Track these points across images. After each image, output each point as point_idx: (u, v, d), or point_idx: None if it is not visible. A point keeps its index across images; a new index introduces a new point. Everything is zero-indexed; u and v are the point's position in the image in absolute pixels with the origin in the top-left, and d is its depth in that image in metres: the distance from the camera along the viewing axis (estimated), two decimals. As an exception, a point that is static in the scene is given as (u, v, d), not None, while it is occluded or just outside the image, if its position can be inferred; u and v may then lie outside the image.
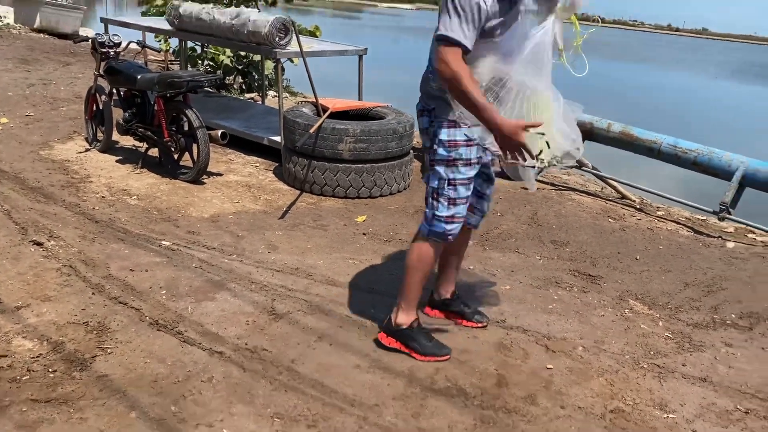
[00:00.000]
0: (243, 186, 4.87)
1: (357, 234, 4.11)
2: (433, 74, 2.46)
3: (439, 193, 2.58)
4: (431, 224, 2.62)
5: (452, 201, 2.58)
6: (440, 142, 2.53)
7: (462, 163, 2.54)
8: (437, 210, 2.59)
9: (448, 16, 2.24)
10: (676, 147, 5.13)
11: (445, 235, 2.62)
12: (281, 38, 5.08)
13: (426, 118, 2.58)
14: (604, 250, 4.23)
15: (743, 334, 3.23)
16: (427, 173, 2.65)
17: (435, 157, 2.56)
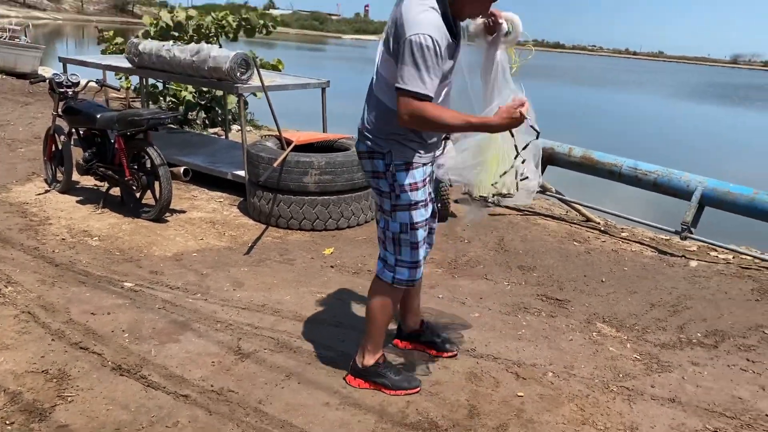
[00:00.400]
0: (207, 222, 4.81)
1: (324, 267, 4.08)
2: (384, 119, 2.39)
3: (401, 238, 2.52)
4: (395, 271, 2.56)
5: (414, 245, 2.53)
6: (402, 187, 2.45)
7: (422, 205, 2.51)
8: (401, 255, 2.54)
9: (411, 67, 2.17)
10: (636, 169, 5.22)
11: (411, 281, 2.59)
12: (242, 73, 5.08)
13: (380, 161, 2.46)
14: (570, 273, 4.26)
15: (709, 352, 3.26)
16: (383, 218, 2.57)
17: (398, 202, 2.48)
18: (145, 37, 7.95)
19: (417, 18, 2.18)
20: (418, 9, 2.21)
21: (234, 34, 8.47)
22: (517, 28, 2.47)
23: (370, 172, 2.52)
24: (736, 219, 4.97)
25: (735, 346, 3.34)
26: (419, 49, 2.15)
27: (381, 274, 2.61)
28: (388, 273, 2.59)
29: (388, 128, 2.40)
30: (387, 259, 2.59)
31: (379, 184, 2.51)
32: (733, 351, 3.28)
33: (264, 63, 8.45)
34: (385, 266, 2.60)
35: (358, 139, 2.55)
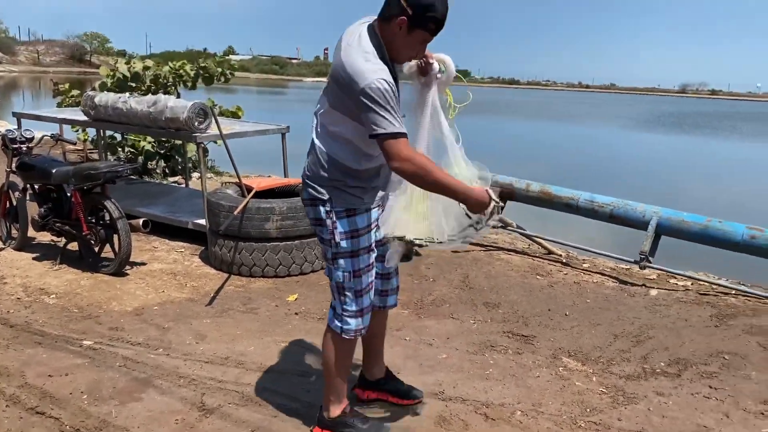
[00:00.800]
0: (168, 274, 4.73)
1: (289, 314, 4.04)
2: (326, 167, 2.38)
3: (344, 287, 2.48)
4: (342, 321, 2.53)
5: (358, 293, 2.49)
6: (342, 234, 2.42)
7: (364, 251, 2.47)
8: (346, 305, 2.51)
9: (375, 112, 2.16)
10: (593, 202, 5.34)
11: (357, 332, 2.55)
12: (200, 122, 5.08)
13: (321, 208, 2.43)
14: (534, 308, 4.29)
15: (673, 381, 3.30)
16: (327, 266, 2.54)
17: (338, 250, 2.44)
18: (102, 88, 7.92)
19: (364, 66, 2.19)
20: (362, 57, 2.21)
21: (192, 82, 8.49)
22: (449, 69, 2.49)
23: (313, 219, 2.50)
24: (694, 245, 5.10)
25: (697, 373, 3.39)
26: (379, 94, 2.15)
27: (331, 323, 2.58)
28: (336, 323, 2.55)
29: (328, 174, 2.39)
30: (336, 308, 2.56)
31: (321, 232, 2.48)
32: (696, 379, 3.33)
33: (223, 110, 8.47)
34: (335, 315, 2.56)
35: (302, 187, 2.53)
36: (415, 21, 2.20)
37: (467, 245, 2.64)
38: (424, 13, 2.19)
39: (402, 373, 3.22)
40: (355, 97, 2.19)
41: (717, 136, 31.52)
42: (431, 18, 2.21)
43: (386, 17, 2.25)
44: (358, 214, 2.43)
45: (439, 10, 2.21)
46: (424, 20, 2.21)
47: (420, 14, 2.19)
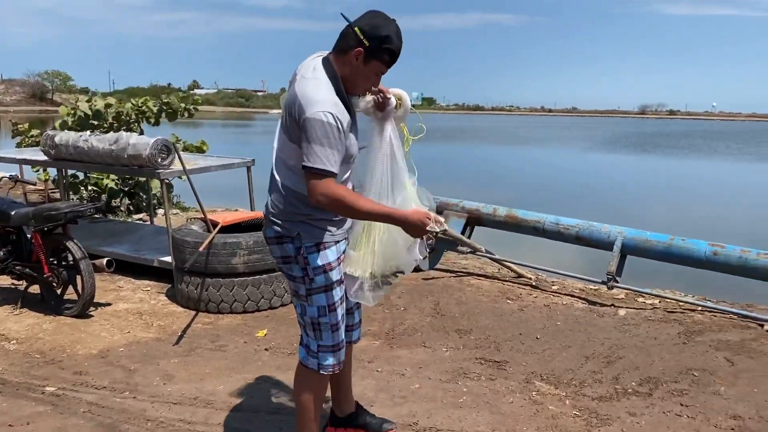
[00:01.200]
0: (134, 314, 4.63)
1: (258, 350, 3.97)
2: (289, 202, 2.36)
3: (320, 322, 2.44)
4: (319, 358, 2.48)
5: (334, 326, 2.46)
6: (315, 270, 2.38)
7: (337, 284, 2.44)
8: (322, 340, 2.46)
9: (314, 145, 2.16)
10: (559, 224, 5.40)
11: (335, 366, 2.51)
12: (164, 158, 5.03)
13: (289, 245, 2.38)
14: (506, 333, 4.30)
15: (645, 400, 3.32)
16: (299, 303, 2.48)
17: (312, 286, 2.39)
18: (62, 127, 7.81)
19: (315, 96, 2.20)
20: (314, 87, 2.23)
21: (155, 118, 8.42)
22: (405, 103, 2.53)
23: (280, 258, 2.44)
24: (661, 264, 5.17)
25: (668, 391, 3.41)
26: (321, 127, 2.15)
27: (305, 361, 2.52)
28: (312, 360, 2.50)
29: (293, 210, 2.35)
30: (309, 345, 2.50)
31: (292, 269, 2.42)
32: (667, 397, 3.35)
33: (188, 145, 8.42)
34: (308, 353, 2.51)
35: (265, 225, 2.48)
36: (372, 52, 2.25)
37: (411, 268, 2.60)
38: (381, 44, 2.23)
39: (375, 405, 3.18)
40: (300, 125, 2.20)
41: (677, 155, 32.33)
42: (387, 49, 2.25)
43: (342, 49, 2.28)
44: (328, 248, 2.40)
45: (394, 42, 2.25)
46: (380, 51, 2.25)
47: (376, 46, 2.23)
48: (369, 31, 2.22)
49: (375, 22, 2.24)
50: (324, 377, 2.54)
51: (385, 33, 2.23)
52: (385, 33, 2.23)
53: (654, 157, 30.82)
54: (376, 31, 2.22)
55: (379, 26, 2.23)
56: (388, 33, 2.23)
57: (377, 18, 2.26)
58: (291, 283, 2.48)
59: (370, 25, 2.23)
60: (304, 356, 2.52)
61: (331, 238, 2.41)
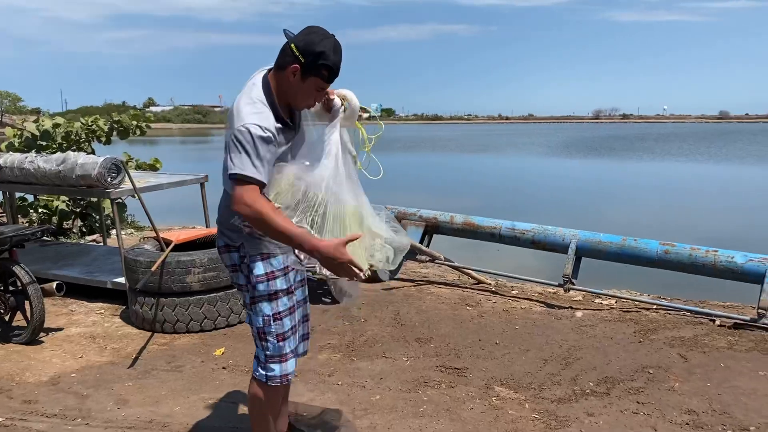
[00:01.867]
0: (87, 338, 4.50)
1: (216, 369, 3.90)
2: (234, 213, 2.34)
3: (265, 331, 2.45)
4: (266, 368, 2.48)
5: (281, 337, 2.46)
6: (257, 278, 2.40)
7: (283, 293, 2.45)
8: (268, 350, 2.46)
9: (237, 153, 2.17)
10: (514, 229, 5.46)
11: (283, 378, 2.50)
12: (113, 177, 4.92)
13: (235, 254, 2.43)
14: (465, 339, 4.31)
15: (602, 400, 3.36)
16: (247, 313, 2.51)
17: (255, 294, 2.42)
18: (9, 149, 7.58)
19: (245, 110, 2.23)
20: (245, 103, 2.26)
21: (106, 137, 8.25)
22: (352, 103, 2.51)
23: (229, 266, 2.50)
24: (617, 264, 5.26)
25: (625, 390, 3.46)
26: (244, 137, 2.17)
27: (255, 372, 2.53)
28: (261, 371, 2.50)
29: (237, 221, 2.38)
30: (259, 356, 2.51)
31: (238, 278, 2.48)
32: (623, 395, 3.40)
33: (140, 163, 8.27)
34: (258, 364, 2.51)
35: (217, 235, 2.54)
36: (308, 68, 2.25)
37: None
38: (316, 60, 2.24)
39: (334, 420, 3.15)
40: (230, 136, 2.22)
41: (631, 157, 33.08)
42: (323, 65, 2.26)
43: (281, 66, 2.30)
44: (272, 257, 2.42)
45: (331, 59, 2.25)
46: (316, 68, 2.26)
47: (312, 62, 2.24)
48: (304, 47, 2.23)
49: (310, 39, 2.25)
50: (274, 389, 2.52)
51: (320, 49, 2.23)
52: (320, 49, 2.23)
53: (609, 160, 31.50)
54: (312, 47, 2.23)
55: (315, 42, 2.24)
56: (323, 49, 2.23)
57: (313, 34, 2.26)
58: (240, 293, 2.53)
59: (305, 42, 2.24)
60: (255, 367, 2.53)
61: (276, 248, 2.42)
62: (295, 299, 2.54)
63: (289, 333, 2.48)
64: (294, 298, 2.53)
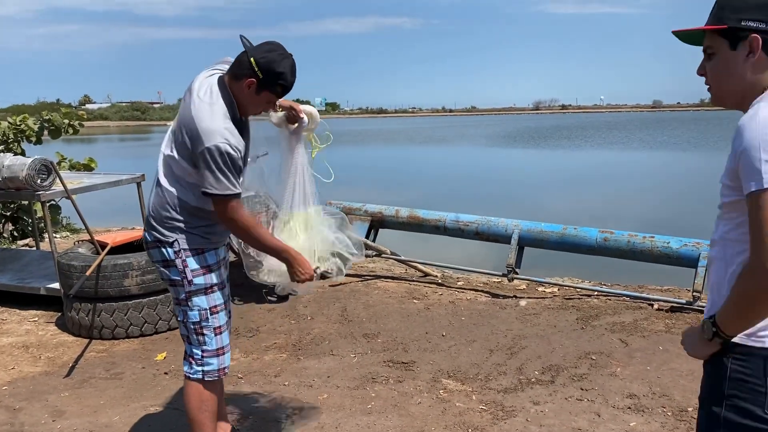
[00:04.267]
0: (19, 348, 4.30)
1: (158, 375, 3.78)
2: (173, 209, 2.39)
3: (202, 326, 2.46)
4: (203, 364, 2.48)
5: (217, 330, 2.49)
6: (194, 272, 2.42)
7: (218, 287, 2.49)
8: (205, 345, 2.47)
9: (215, 173, 2.23)
10: (458, 221, 5.49)
11: (221, 372, 2.52)
12: (43, 179, 4.70)
13: (168, 249, 2.41)
14: (413, 333, 4.30)
15: (547, 388, 3.41)
16: (180, 310, 2.50)
17: (191, 288, 2.43)
18: (-71, 151, 7.17)
19: (212, 127, 2.24)
20: (211, 115, 2.26)
21: (37, 137, 7.88)
22: (314, 120, 2.76)
23: (160, 261, 2.47)
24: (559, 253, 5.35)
25: (569, 377, 3.52)
26: (220, 157, 2.23)
27: (190, 371, 2.51)
28: (196, 368, 2.50)
29: (172, 216, 2.40)
30: (194, 355, 2.49)
31: (171, 273, 2.45)
32: (568, 383, 3.46)
33: (74, 163, 7.96)
34: (193, 363, 2.50)
35: (145, 229, 2.51)
36: (264, 84, 2.30)
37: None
38: (275, 79, 2.30)
39: (282, 421, 3.09)
40: (197, 153, 2.25)
41: (570, 147, 33.86)
42: (280, 84, 2.33)
43: (237, 75, 2.33)
44: (206, 251, 2.46)
45: (288, 79, 2.33)
46: (272, 85, 2.32)
47: (270, 80, 2.30)
48: (265, 65, 2.27)
49: (271, 57, 2.28)
50: (211, 385, 2.52)
51: (280, 69, 2.29)
52: (280, 69, 2.29)
53: (549, 150, 32.15)
54: (272, 65, 2.28)
55: (275, 62, 2.28)
56: (283, 70, 2.29)
57: (273, 53, 2.30)
58: (172, 290, 2.52)
59: (267, 60, 2.28)
60: (188, 368, 2.52)
61: (210, 244, 2.47)
62: (226, 294, 2.57)
63: (224, 327, 2.52)
64: (225, 293, 2.56)
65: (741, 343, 1.43)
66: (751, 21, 1.43)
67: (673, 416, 3.05)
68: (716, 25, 1.47)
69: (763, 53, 1.43)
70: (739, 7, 1.44)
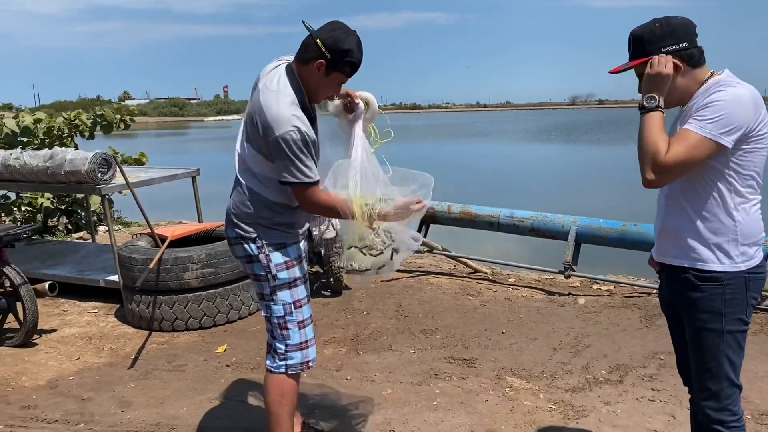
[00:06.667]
0: (83, 338, 4.38)
1: (220, 368, 3.80)
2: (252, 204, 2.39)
3: (286, 320, 2.46)
4: (286, 358, 2.47)
5: (301, 324, 2.48)
6: (278, 267, 2.42)
7: (301, 281, 2.49)
8: (289, 339, 2.46)
9: (292, 162, 2.22)
10: (513, 217, 5.41)
11: (305, 365, 2.51)
12: (104, 173, 4.78)
13: (251, 245, 2.42)
14: (471, 330, 4.25)
15: (617, 388, 3.33)
16: (265, 304, 2.49)
17: (276, 283, 2.43)
18: (-12, 146, 7.36)
19: (281, 115, 2.21)
20: (279, 103, 2.23)
21: (90, 132, 8.03)
22: (372, 106, 2.62)
23: (244, 258, 2.47)
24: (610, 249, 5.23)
25: (638, 377, 3.43)
26: (294, 144, 2.20)
27: (272, 365, 2.51)
28: (279, 363, 2.49)
29: (253, 212, 2.39)
30: (277, 349, 2.49)
31: (254, 269, 2.45)
32: (638, 383, 3.37)
33: (126, 158, 8.09)
34: (276, 357, 2.49)
35: (227, 225, 2.51)
36: (333, 64, 2.27)
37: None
38: (343, 57, 2.26)
39: (345, 416, 3.08)
40: (270, 143, 2.23)
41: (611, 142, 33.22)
42: (348, 62, 2.28)
43: (305, 59, 2.30)
44: (288, 246, 2.46)
45: (356, 56, 2.29)
46: (341, 64, 2.28)
47: (338, 58, 2.26)
48: (331, 44, 2.24)
49: (336, 36, 2.25)
50: (292, 379, 2.51)
51: (347, 47, 2.25)
52: (346, 47, 2.25)
53: (588, 145, 31.61)
54: (338, 44, 2.24)
55: (341, 40, 2.25)
56: (350, 47, 2.26)
57: (338, 31, 2.27)
58: (256, 285, 2.51)
59: (332, 39, 2.25)
60: (271, 362, 2.52)
61: (290, 239, 2.47)
62: (308, 289, 2.56)
63: (308, 320, 2.52)
64: (307, 287, 2.55)
65: (729, 270, 1.91)
66: (668, 47, 1.90)
67: (753, 419, 2.95)
68: (643, 58, 1.93)
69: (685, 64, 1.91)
70: (653, 40, 1.91)
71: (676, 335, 2.22)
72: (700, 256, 1.95)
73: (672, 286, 2.06)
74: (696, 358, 2.03)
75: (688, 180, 1.92)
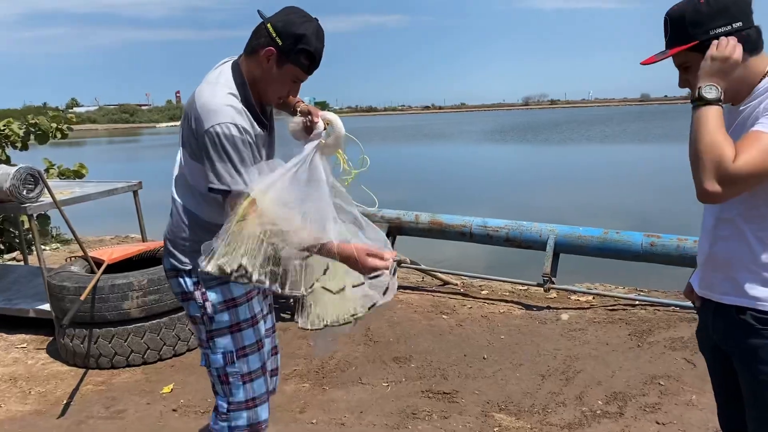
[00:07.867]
0: (6, 381, 3.82)
1: (165, 412, 3.31)
2: (187, 227, 1.98)
3: (227, 372, 2.03)
4: (229, 419, 2.05)
5: (247, 377, 2.05)
6: (215, 306, 1.99)
7: (247, 324, 2.04)
8: (232, 396, 2.04)
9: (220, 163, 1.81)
10: (486, 227, 5.03)
11: (253, 428, 2.09)
12: (30, 190, 4.22)
13: (185, 279, 2.00)
14: (449, 356, 3.85)
15: (617, 422, 2.96)
16: (203, 352, 2.08)
17: (213, 327, 2.01)
18: None
19: (215, 106, 1.81)
20: (212, 93, 1.84)
21: (22, 143, 7.35)
22: (337, 129, 2.04)
23: (179, 294, 2.06)
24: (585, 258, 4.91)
25: (639, 408, 3.08)
26: (228, 140, 1.80)
27: (215, 427, 2.09)
28: (222, 423, 2.07)
29: (188, 236, 1.98)
30: (218, 407, 2.08)
31: (190, 309, 2.04)
32: (640, 415, 3.01)
33: (64, 170, 7.44)
34: (218, 416, 2.08)
35: (164, 254, 2.09)
36: (286, 53, 1.85)
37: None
38: (296, 44, 1.84)
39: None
40: (199, 139, 1.82)
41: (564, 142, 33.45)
42: (303, 50, 1.86)
43: (252, 49, 1.90)
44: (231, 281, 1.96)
45: (312, 43, 1.86)
46: (295, 53, 1.86)
47: (291, 45, 1.84)
48: (282, 28, 1.84)
49: (290, 19, 1.86)
50: None
51: (301, 32, 1.84)
52: (300, 32, 1.84)
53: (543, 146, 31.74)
54: (291, 28, 1.84)
55: (295, 23, 1.85)
56: (305, 32, 1.85)
57: (293, 14, 1.87)
58: (194, 329, 2.10)
59: (284, 22, 1.85)
60: (213, 422, 2.11)
61: None
62: (262, 332, 2.11)
63: (257, 372, 2.08)
64: (260, 330, 2.10)
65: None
66: (719, 28, 1.50)
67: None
68: (688, 44, 1.53)
69: None
70: (699, 21, 1.51)
71: (720, 384, 1.83)
72: (761, 295, 1.55)
73: (721, 329, 1.67)
74: (756, 410, 1.64)
75: (750, 197, 1.51)
